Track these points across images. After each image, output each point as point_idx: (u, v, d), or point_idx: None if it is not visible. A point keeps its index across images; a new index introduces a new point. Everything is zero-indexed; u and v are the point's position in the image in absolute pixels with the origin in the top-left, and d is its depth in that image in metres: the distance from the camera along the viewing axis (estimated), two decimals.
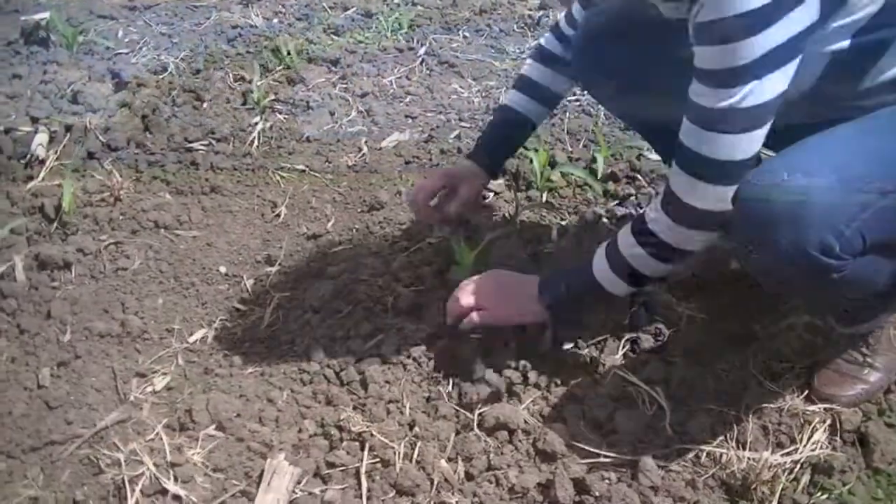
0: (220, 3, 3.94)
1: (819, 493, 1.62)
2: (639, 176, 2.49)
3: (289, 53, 3.24)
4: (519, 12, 3.82)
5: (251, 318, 2.17)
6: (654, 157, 2.51)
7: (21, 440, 1.84)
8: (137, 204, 2.52)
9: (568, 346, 1.92)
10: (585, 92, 2.91)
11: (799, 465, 1.66)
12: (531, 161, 2.47)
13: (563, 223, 2.35)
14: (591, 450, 1.68)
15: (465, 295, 1.87)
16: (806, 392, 1.79)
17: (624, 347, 1.93)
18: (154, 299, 2.22)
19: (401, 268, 2.17)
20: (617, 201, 2.42)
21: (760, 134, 1.44)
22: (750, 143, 1.44)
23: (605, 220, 2.35)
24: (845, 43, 1.49)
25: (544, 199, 2.45)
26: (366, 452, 1.72)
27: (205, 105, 2.99)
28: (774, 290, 1.59)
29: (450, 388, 1.86)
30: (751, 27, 1.32)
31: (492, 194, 2.48)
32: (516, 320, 1.88)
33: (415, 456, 1.70)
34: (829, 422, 1.73)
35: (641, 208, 2.35)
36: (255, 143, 2.80)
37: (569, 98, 2.94)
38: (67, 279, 2.27)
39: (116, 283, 2.26)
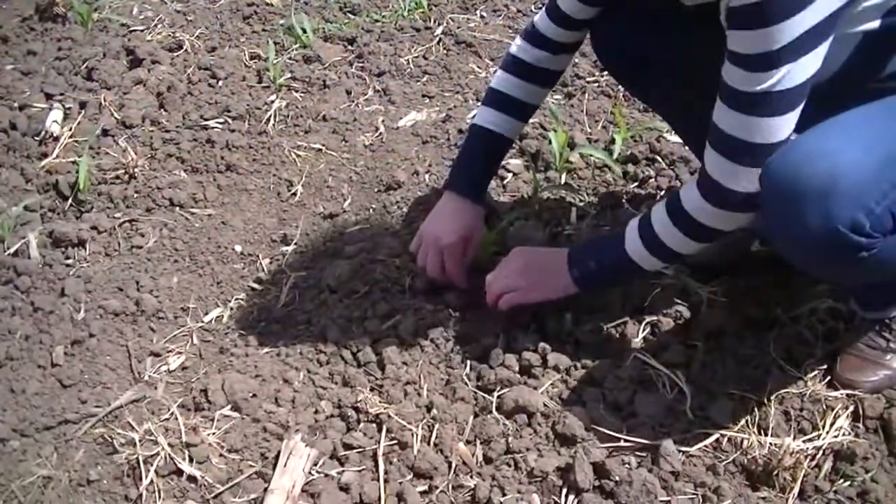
0: None
1: (841, 480, 1.61)
2: (658, 158, 2.46)
3: (305, 32, 3.21)
4: None
5: (267, 297, 2.16)
6: (674, 139, 2.48)
7: (35, 419, 1.84)
8: (152, 181, 2.50)
9: (587, 328, 1.91)
10: (605, 73, 2.88)
11: (821, 452, 1.64)
12: (550, 142, 2.44)
13: (582, 204, 2.33)
14: (612, 433, 1.67)
15: (497, 281, 1.87)
16: (828, 378, 1.77)
17: (644, 330, 1.91)
18: (169, 278, 2.21)
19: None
20: (636, 183, 2.40)
21: (794, 115, 1.43)
22: (785, 125, 1.43)
23: (624, 201, 2.32)
24: (875, 23, 1.47)
25: (563, 180, 2.42)
26: (383, 434, 1.72)
27: (220, 83, 2.97)
28: (803, 269, 1.56)
29: (468, 369, 1.85)
30: (787, 10, 1.30)
31: (510, 175, 2.46)
32: (550, 296, 1.86)
33: (433, 438, 1.70)
34: (851, 408, 1.71)
35: (661, 190, 2.33)
36: (271, 121, 2.78)
37: (588, 79, 2.91)
38: (82, 257, 2.26)
39: (131, 262, 2.26)
